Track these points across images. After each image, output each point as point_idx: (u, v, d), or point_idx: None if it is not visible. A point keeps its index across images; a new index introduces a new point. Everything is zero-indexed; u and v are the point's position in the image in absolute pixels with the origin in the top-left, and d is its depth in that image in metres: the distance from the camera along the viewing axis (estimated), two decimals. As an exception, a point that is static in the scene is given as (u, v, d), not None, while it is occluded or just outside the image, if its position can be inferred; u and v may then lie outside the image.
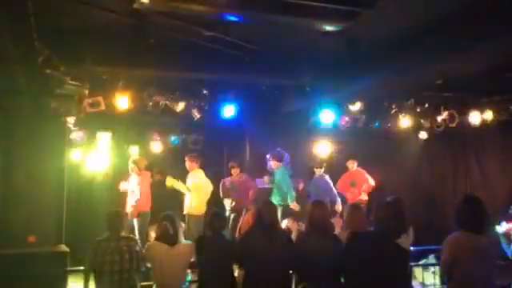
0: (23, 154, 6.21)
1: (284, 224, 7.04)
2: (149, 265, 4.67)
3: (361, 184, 9.10)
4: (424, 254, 7.24)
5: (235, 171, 8.66)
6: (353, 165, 9.35)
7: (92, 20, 5.26)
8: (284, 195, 8.34)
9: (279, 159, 8.56)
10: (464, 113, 8.56)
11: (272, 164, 8.57)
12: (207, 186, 8.17)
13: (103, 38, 5.64)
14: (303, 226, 5.85)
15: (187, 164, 8.18)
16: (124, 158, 8.52)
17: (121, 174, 8.28)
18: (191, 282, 5.01)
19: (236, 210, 8.36)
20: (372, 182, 9.06)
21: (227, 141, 9.88)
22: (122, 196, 7.93)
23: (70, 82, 5.92)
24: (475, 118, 8.34)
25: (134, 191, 7.78)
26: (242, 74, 6.81)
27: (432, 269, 7.10)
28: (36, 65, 4.92)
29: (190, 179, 8.08)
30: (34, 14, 3.97)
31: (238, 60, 6.37)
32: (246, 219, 5.23)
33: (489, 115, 8.14)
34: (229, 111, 7.88)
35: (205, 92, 7.71)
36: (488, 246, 4.00)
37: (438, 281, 6.84)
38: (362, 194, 9.00)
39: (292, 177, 8.71)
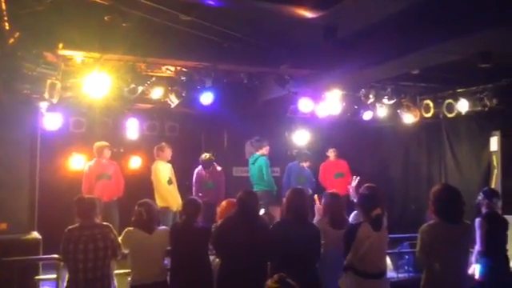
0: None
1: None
2: (126, 251, 4.62)
3: (348, 175, 8.86)
4: (398, 242, 7.32)
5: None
6: (333, 154, 9.36)
7: (66, 2, 5.12)
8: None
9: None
10: (439, 103, 8.66)
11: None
12: None
13: (77, 21, 5.50)
14: None
15: (162, 153, 7.93)
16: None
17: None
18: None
19: (208, 204, 7.46)
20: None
21: (204, 128, 9.80)
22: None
23: (43, 65, 5.75)
24: (450, 108, 8.43)
25: (112, 178, 7.74)
26: (220, 61, 6.74)
27: (406, 257, 7.20)
28: (6, 47, 4.77)
29: (168, 170, 7.92)
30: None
31: (216, 47, 6.30)
32: (225, 206, 5.16)
33: (464, 105, 8.23)
34: (206, 99, 7.78)
35: (182, 78, 7.59)
36: (463, 235, 4.08)
37: (411, 268, 6.95)
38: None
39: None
